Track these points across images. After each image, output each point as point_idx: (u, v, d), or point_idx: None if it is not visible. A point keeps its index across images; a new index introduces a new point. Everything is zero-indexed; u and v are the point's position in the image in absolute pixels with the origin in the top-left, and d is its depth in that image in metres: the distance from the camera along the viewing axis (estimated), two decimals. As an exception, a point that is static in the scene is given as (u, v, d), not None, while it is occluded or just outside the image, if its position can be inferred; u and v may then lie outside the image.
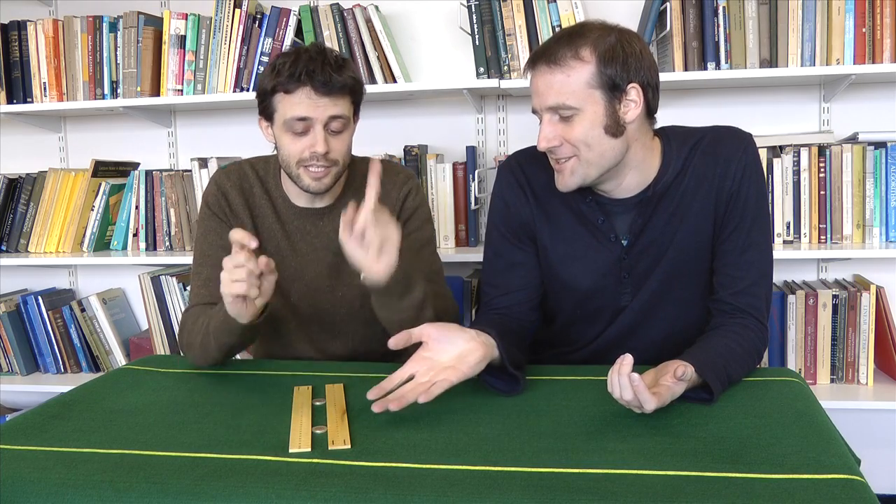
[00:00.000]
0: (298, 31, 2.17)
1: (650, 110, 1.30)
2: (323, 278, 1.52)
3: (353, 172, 1.54)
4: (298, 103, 1.35)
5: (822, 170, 2.01)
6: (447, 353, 1.16)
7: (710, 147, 1.34)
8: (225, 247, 1.44)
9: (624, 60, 1.24)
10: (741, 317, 1.31)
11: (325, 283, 1.53)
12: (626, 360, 1.04)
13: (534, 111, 1.31)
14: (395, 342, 1.15)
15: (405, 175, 1.57)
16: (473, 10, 2.08)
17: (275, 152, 1.47)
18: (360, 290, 1.50)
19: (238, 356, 1.51)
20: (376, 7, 2.14)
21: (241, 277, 1.23)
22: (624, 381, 1.04)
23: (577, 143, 1.26)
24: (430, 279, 1.46)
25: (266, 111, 1.42)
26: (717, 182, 1.33)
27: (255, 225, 1.51)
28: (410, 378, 1.14)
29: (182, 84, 2.22)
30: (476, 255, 2.10)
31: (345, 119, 1.40)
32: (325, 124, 1.38)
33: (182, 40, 2.22)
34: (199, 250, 1.51)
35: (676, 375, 1.10)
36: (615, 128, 1.26)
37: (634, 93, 1.26)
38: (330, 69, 1.35)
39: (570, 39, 1.25)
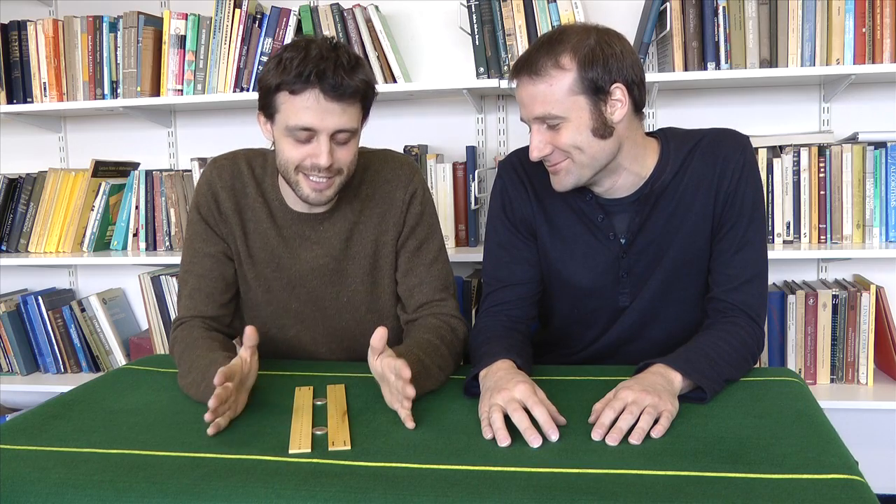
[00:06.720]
0: (298, 31, 2.17)
1: (637, 107, 1.31)
2: (327, 286, 1.45)
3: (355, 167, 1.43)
4: (305, 108, 1.23)
5: (822, 170, 2.01)
6: None
7: (709, 148, 1.35)
8: (210, 254, 1.43)
9: (605, 62, 1.24)
10: (733, 315, 1.32)
11: (329, 291, 1.45)
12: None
13: (522, 120, 1.33)
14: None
15: (409, 170, 1.46)
16: (473, 10, 2.08)
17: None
18: (364, 295, 1.47)
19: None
20: (376, 7, 2.14)
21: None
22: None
23: (568, 148, 1.28)
24: (442, 293, 1.44)
25: (267, 109, 1.29)
26: (715, 182, 1.34)
27: (244, 231, 1.43)
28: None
29: (182, 84, 2.22)
30: (476, 255, 2.10)
31: (352, 131, 1.29)
32: (332, 135, 1.27)
33: (182, 40, 2.21)
34: (185, 257, 1.45)
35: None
36: (603, 129, 1.27)
37: (619, 93, 1.26)
38: (343, 71, 1.23)
39: (549, 47, 1.25)
